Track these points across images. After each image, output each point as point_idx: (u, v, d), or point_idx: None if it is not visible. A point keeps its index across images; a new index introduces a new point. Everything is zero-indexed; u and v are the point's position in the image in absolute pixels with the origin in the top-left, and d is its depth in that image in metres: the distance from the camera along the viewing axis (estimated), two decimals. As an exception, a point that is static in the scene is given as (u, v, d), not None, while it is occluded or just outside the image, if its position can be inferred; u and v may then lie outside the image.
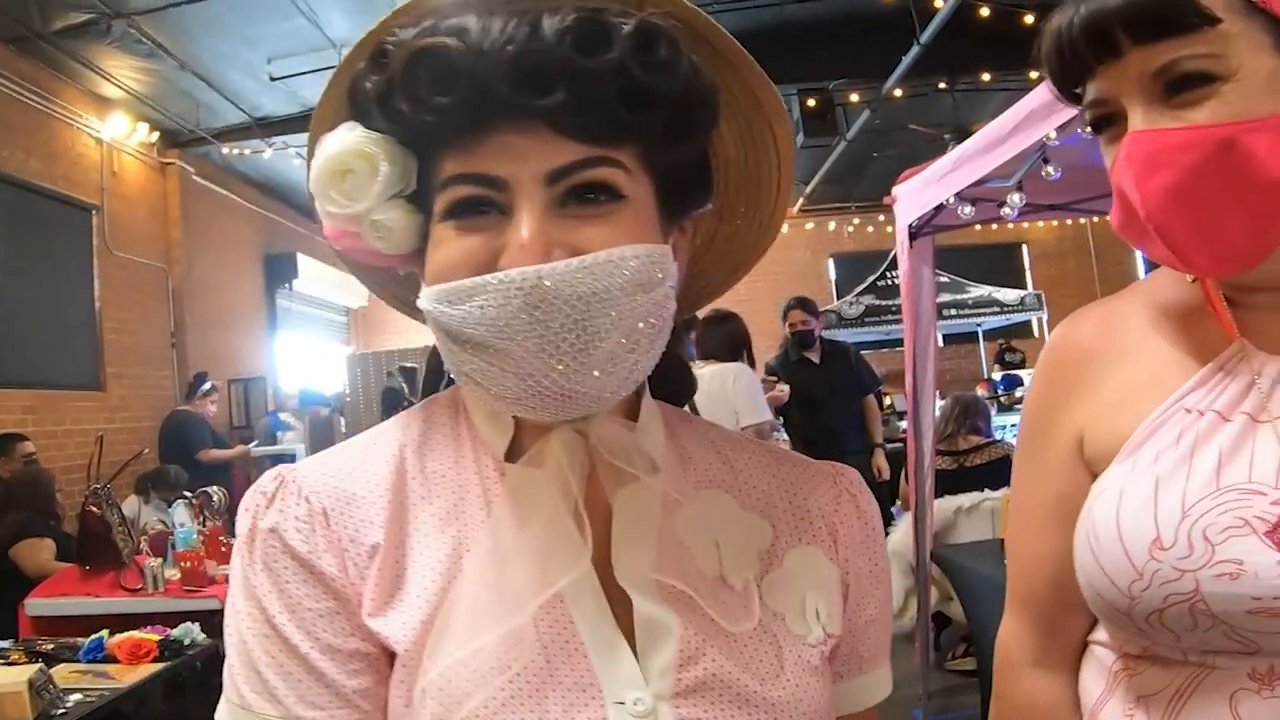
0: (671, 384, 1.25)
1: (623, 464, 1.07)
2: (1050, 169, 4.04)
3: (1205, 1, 1.10)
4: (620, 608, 1.04)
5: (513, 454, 1.11)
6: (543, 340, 0.94)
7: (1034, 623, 1.42)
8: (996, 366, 14.57)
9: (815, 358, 7.98)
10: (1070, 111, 3.44)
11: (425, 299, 1.01)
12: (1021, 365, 14.26)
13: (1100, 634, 1.33)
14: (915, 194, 5.06)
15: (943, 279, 14.81)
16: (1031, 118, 3.78)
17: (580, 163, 0.98)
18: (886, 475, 7.91)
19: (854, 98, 12.48)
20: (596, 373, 0.97)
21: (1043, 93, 3.66)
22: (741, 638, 1.07)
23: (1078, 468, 1.32)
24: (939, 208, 4.83)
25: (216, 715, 1.03)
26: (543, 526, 1.04)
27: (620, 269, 0.96)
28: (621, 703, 0.99)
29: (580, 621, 1.03)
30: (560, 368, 0.95)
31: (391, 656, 1.02)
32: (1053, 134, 3.72)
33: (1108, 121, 1.19)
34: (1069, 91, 1.23)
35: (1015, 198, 4.39)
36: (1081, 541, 1.23)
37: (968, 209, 4.68)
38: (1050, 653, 1.41)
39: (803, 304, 8.12)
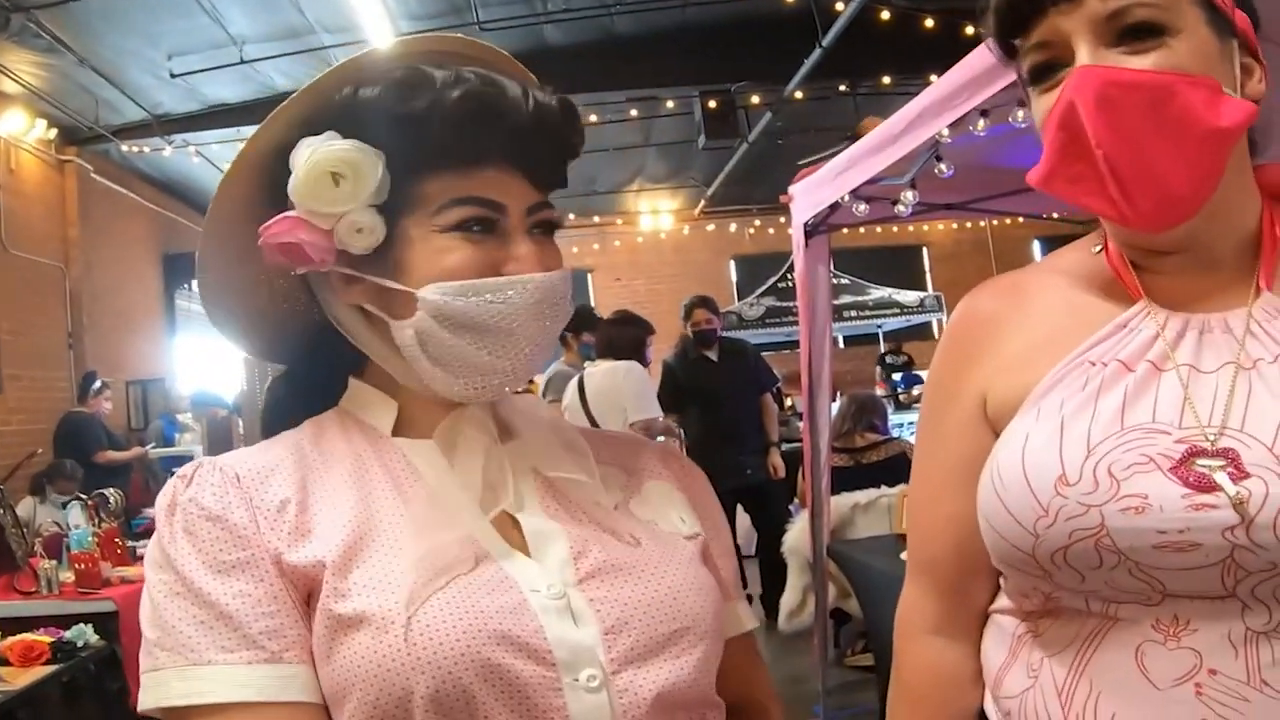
0: None
1: (520, 426, 1.36)
2: (943, 166, 4.07)
3: None
4: (508, 531, 1.25)
5: (397, 433, 1.33)
6: (538, 329, 1.25)
7: (934, 589, 1.45)
8: (880, 372, 14.60)
9: (714, 356, 8.01)
10: (962, 109, 3.50)
11: (433, 291, 1.21)
12: (908, 368, 14.34)
13: (1003, 601, 1.35)
14: (811, 192, 5.08)
15: (844, 281, 14.97)
16: (924, 116, 3.81)
17: (543, 204, 1.30)
18: (781, 473, 7.96)
19: (755, 100, 12.55)
20: (538, 359, 1.28)
21: (935, 91, 3.69)
22: (623, 535, 1.29)
23: (980, 428, 1.35)
24: (834, 206, 4.85)
25: (139, 700, 1.14)
26: (463, 480, 1.26)
27: (568, 282, 1.31)
28: (537, 591, 1.18)
29: (483, 539, 1.21)
30: (528, 350, 1.25)
31: (307, 597, 1.18)
32: (945, 132, 3.75)
33: (1048, 70, 1.22)
34: (1007, 43, 1.26)
35: (908, 195, 4.42)
36: (986, 488, 1.25)
37: (862, 207, 4.70)
38: (950, 620, 1.43)
39: (706, 303, 8.15)
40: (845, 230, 5.16)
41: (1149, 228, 1.19)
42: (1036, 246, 18.22)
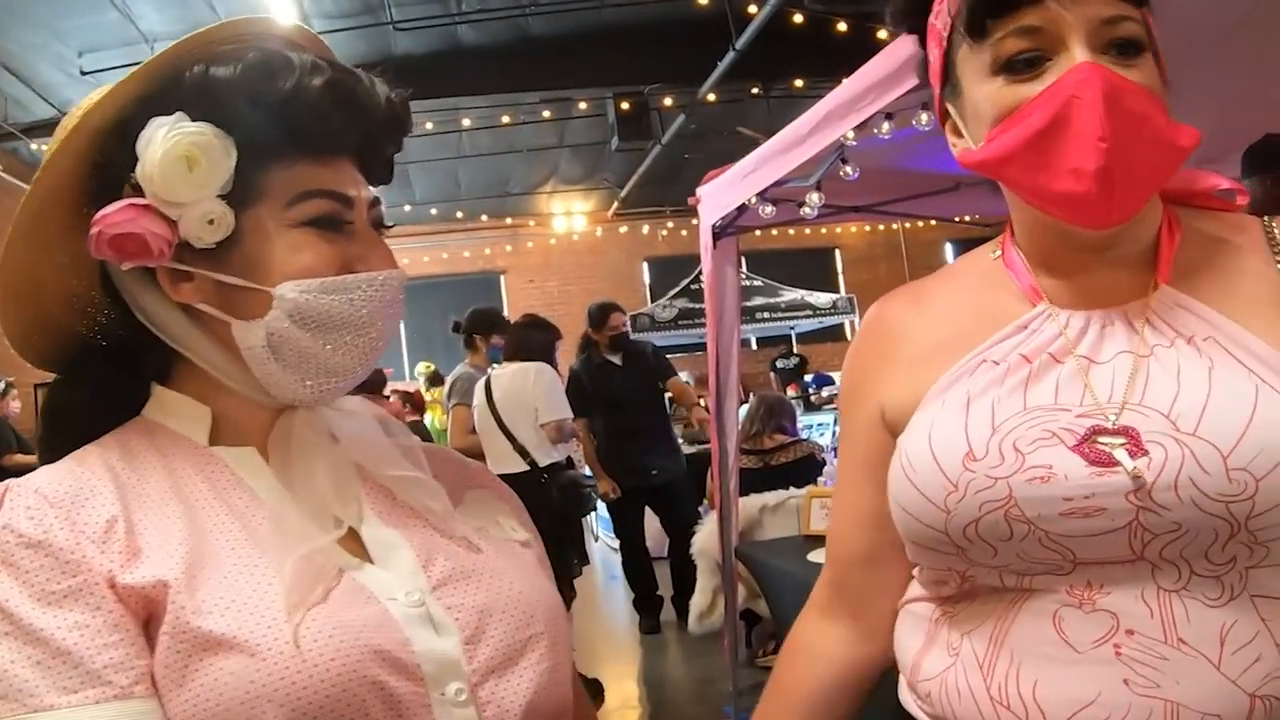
0: None
1: (348, 427, 1.32)
2: (848, 169, 4.11)
3: None
4: (348, 542, 1.20)
5: (214, 441, 1.25)
6: (386, 328, 1.24)
7: (830, 571, 1.53)
8: (773, 375, 14.67)
9: (618, 360, 8.01)
10: (867, 112, 3.52)
11: (292, 289, 1.16)
12: (800, 371, 14.39)
13: (915, 591, 1.38)
14: (719, 194, 5.10)
15: (756, 282, 15.05)
16: (829, 119, 3.83)
17: (377, 199, 1.28)
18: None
19: (668, 102, 12.59)
20: (376, 358, 1.26)
21: (840, 94, 3.71)
22: (461, 542, 1.26)
23: (879, 431, 1.40)
24: (742, 208, 4.87)
25: None
26: (302, 488, 1.21)
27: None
28: (394, 599, 1.14)
29: (331, 554, 1.16)
30: (374, 348, 1.23)
31: (146, 622, 1.06)
32: (850, 135, 3.78)
33: (1025, 61, 1.21)
34: (982, 23, 1.23)
35: (814, 197, 4.45)
36: (896, 475, 1.28)
37: (769, 209, 4.73)
38: (832, 601, 1.53)
39: (619, 307, 8.15)
40: (758, 232, 5.19)
41: (1099, 224, 1.21)
42: (948, 249, 18.47)
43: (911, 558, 1.34)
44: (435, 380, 14.33)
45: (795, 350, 15.80)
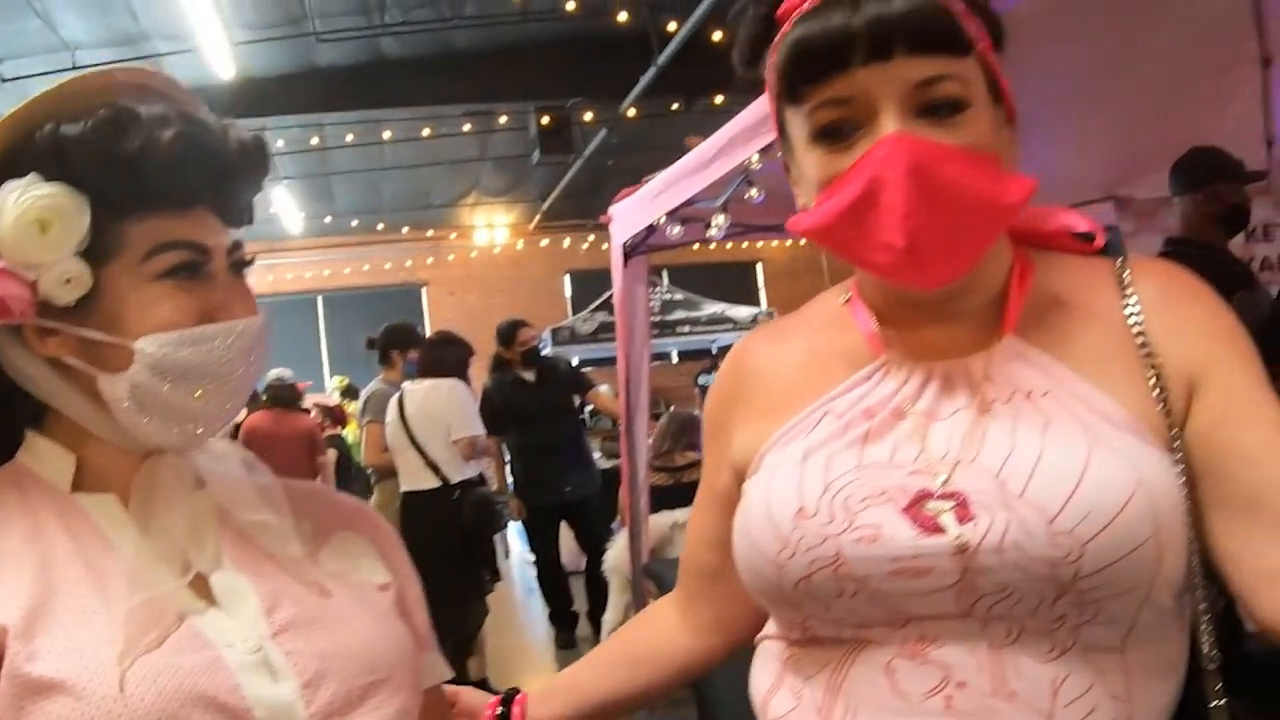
0: None
1: (212, 471, 1.32)
2: (754, 192, 4.12)
3: (967, 31, 1.18)
4: (198, 587, 1.21)
5: (78, 487, 1.25)
6: (248, 374, 1.25)
7: (683, 577, 1.58)
8: (696, 391, 14.73)
9: (531, 377, 7.98)
10: (770, 137, 3.54)
11: (151, 343, 1.18)
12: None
13: (771, 628, 1.38)
14: (630, 213, 5.12)
15: (678, 296, 15.12)
16: (735, 141, 3.86)
17: (239, 243, 1.28)
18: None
19: (589, 116, 12.63)
20: (242, 402, 1.29)
21: (746, 117, 3.74)
22: (313, 585, 1.27)
23: (727, 469, 1.42)
24: (651, 228, 4.89)
25: None
26: (158, 536, 1.21)
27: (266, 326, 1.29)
28: (232, 646, 1.15)
29: (174, 599, 1.17)
30: (238, 394, 1.25)
31: None
32: (755, 158, 3.80)
33: (838, 130, 1.19)
34: (796, 90, 1.22)
35: (720, 219, 4.46)
36: (737, 529, 1.29)
37: (677, 229, 4.75)
38: (684, 599, 1.58)
39: (527, 324, 8.15)
40: (679, 246, 5.22)
41: (925, 288, 1.21)
42: (868, 265, 18.57)
43: (757, 601, 1.35)
44: (350, 394, 14.27)
45: (719, 365, 15.83)
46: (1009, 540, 1.10)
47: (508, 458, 7.97)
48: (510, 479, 7.96)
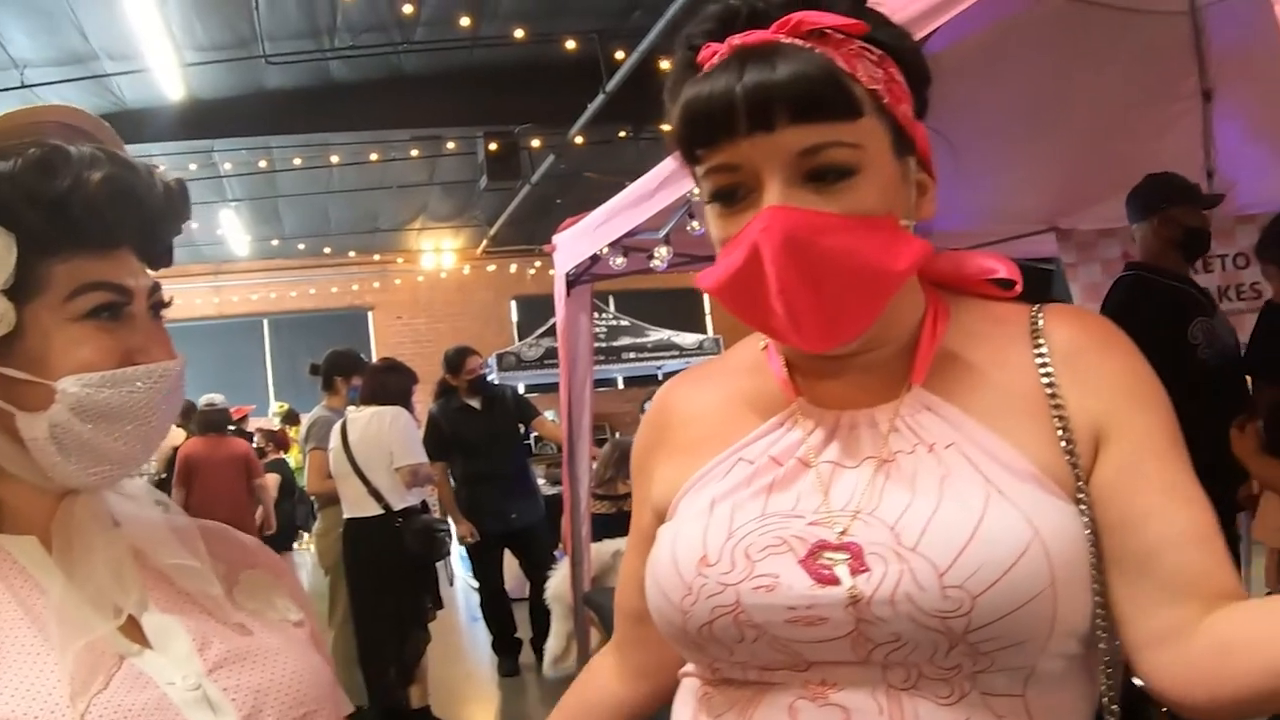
0: None
1: (127, 512, 1.33)
2: (695, 224, 4.16)
3: (855, 95, 1.16)
4: (128, 629, 1.22)
5: None
6: (167, 415, 1.26)
7: (617, 619, 1.56)
8: (641, 418, 14.81)
9: (477, 404, 8.02)
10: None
11: (73, 384, 1.18)
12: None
13: (689, 665, 1.39)
14: (573, 243, 5.15)
15: (624, 322, 15.13)
16: (676, 174, 3.88)
17: (158, 285, 1.30)
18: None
19: (537, 143, 12.64)
20: (159, 443, 1.29)
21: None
22: (235, 627, 1.29)
23: (652, 512, 1.42)
24: (594, 257, 4.92)
25: None
26: (83, 576, 1.22)
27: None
28: (173, 683, 1.17)
29: (111, 642, 1.18)
30: (156, 435, 1.25)
31: None
32: (695, 190, 3.82)
33: (730, 194, 1.20)
34: (692, 152, 1.22)
35: (663, 250, 4.51)
36: (648, 575, 1.29)
37: (620, 260, 4.78)
38: (619, 645, 1.57)
39: (473, 351, 8.18)
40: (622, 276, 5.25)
41: (814, 351, 1.24)
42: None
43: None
44: (290, 419, 14.20)
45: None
46: (901, 592, 1.11)
47: (452, 484, 7.97)
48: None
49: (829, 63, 1.16)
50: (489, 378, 9.70)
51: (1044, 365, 1.24)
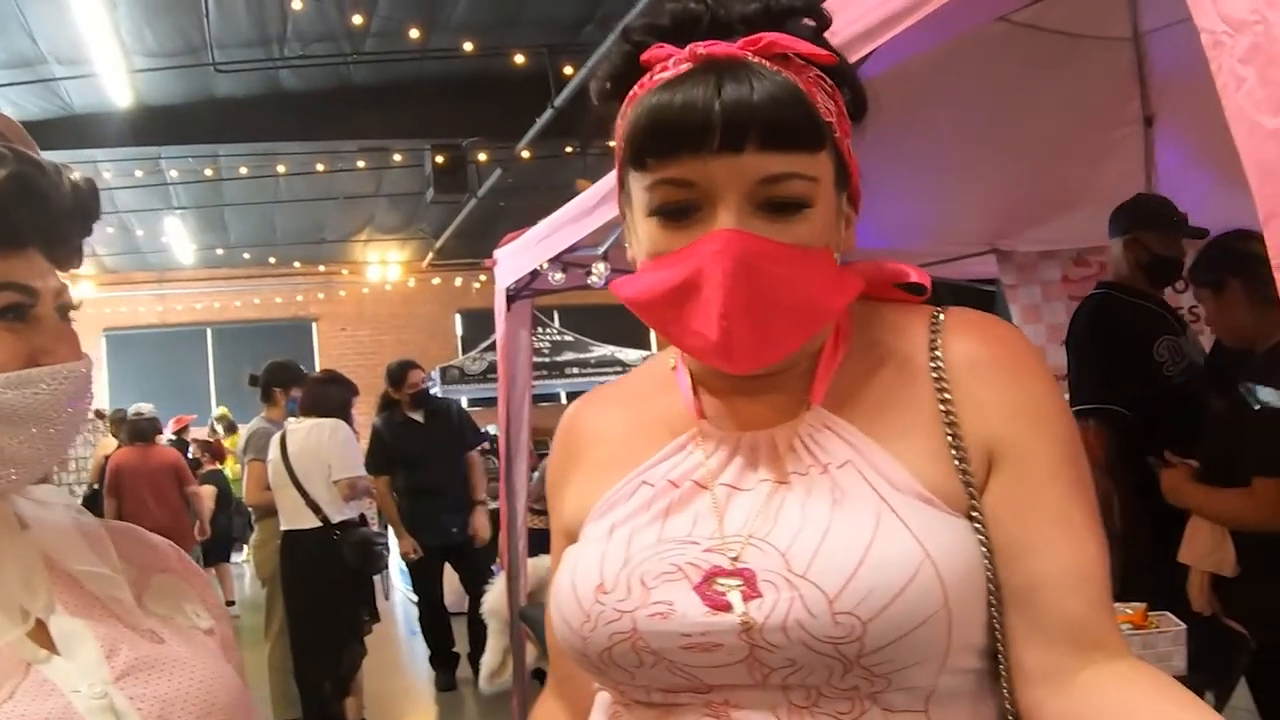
0: None
1: (35, 516, 1.30)
2: (635, 241, 4.16)
3: (821, 127, 1.16)
4: (36, 634, 1.20)
5: None
6: (74, 416, 1.23)
7: (551, 653, 1.51)
8: None
9: (420, 418, 8.03)
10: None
11: None
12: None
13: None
14: (514, 258, 5.16)
15: (568, 338, 15.14)
16: (615, 191, 3.89)
17: (65, 286, 1.27)
18: (486, 536, 7.98)
19: (484, 156, 12.63)
20: (66, 446, 1.26)
21: (627, 167, 3.78)
22: (146, 633, 1.27)
23: (565, 536, 1.40)
24: (534, 273, 4.93)
25: None
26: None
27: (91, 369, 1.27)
28: (78, 691, 1.16)
29: (18, 648, 1.17)
30: (62, 438, 1.23)
31: None
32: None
33: (679, 211, 1.17)
34: (643, 160, 1.18)
35: (600, 266, 4.51)
36: (551, 600, 1.29)
37: (559, 275, 4.79)
38: (554, 682, 1.54)
39: (416, 364, 8.19)
40: (562, 291, 5.25)
41: (736, 373, 1.22)
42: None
43: None
44: (229, 428, 14.13)
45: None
46: (792, 619, 1.11)
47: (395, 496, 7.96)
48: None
49: (799, 90, 1.15)
50: (432, 391, 9.67)
51: (940, 379, 1.23)
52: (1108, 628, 1.16)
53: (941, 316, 1.28)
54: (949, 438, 1.20)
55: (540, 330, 14.51)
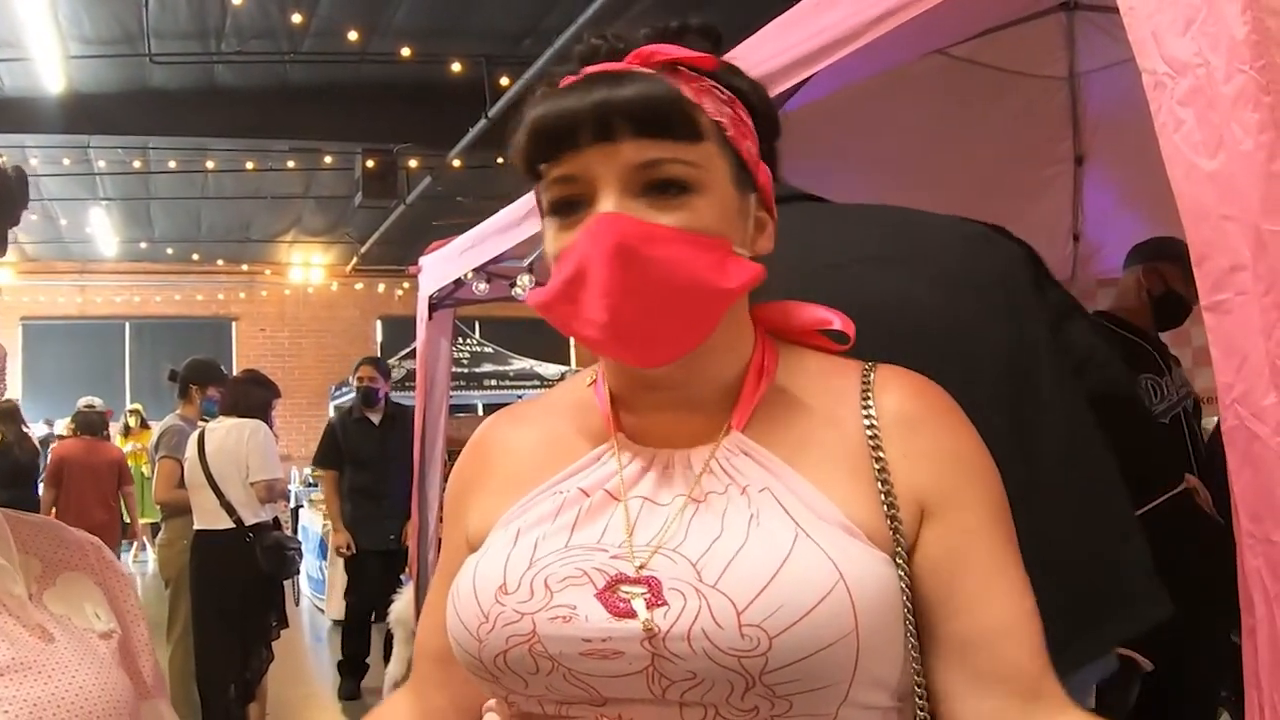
0: None
1: None
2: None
3: (698, 119, 1.19)
4: None
5: None
6: None
7: (416, 659, 1.52)
8: None
9: (375, 419, 8.05)
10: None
11: None
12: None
13: (491, 701, 1.37)
14: (439, 266, 5.15)
15: (487, 349, 15.12)
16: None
17: None
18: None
19: (415, 163, 12.59)
20: None
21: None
22: (36, 631, 1.25)
23: (466, 551, 1.37)
24: (458, 282, 4.92)
25: None
26: None
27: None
28: None
29: None
30: None
31: None
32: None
33: (569, 206, 1.21)
34: (533, 166, 1.23)
35: (525, 279, 4.52)
36: (449, 603, 1.27)
37: (483, 285, 4.79)
38: (415, 685, 1.50)
39: (374, 363, 8.33)
40: (485, 302, 5.25)
41: (640, 365, 1.24)
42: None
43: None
44: (142, 424, 14.00)
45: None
46: (697, 629, 1.11)
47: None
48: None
49: (674, 88, 1.20)
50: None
51: (871, 428, 1.25)
52: (1049, 678, 1.18)
53: (873, 374, 1.30)
54: (879, 484, 1.22)
55: (460, 340, 14.46)
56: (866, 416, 1.26)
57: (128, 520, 10.45)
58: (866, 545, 1.17)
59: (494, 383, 15.14)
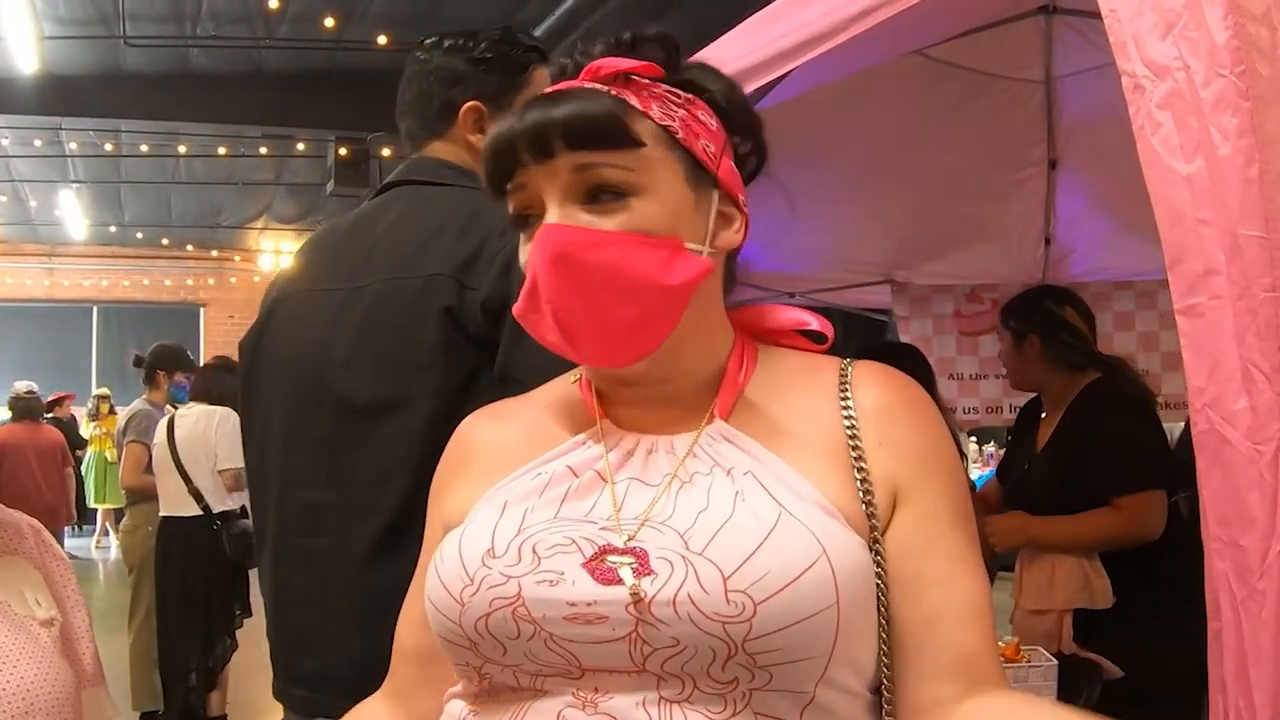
0: None
1: None
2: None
3: (635, 128, 1.23)
4: None
5: None
6: None
7: (394, 658, 1.48)
8: None
9: None
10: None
11: None
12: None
13: (455, 687, 1.36)
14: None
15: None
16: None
17: None
18: None
19: (387, 152, 12.56)
20: None
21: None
22: None
23: (443, 528, 1.38)
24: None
25: None
26: None
27: None
28: None
29: None
30: None
31: None
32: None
33: (525, 220, 1.27)
34: (500, 187, 1.29)
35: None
36: (430, 573, 1.28)
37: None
38: (390, 687, 1.48)
39: None
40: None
41: (600, 366, 1.29)
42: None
43: (440, 645, 1.31)
44: (109, 407, 13.93)
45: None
46: (683, 594, 1.12)
47: None
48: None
49: (613, 100, 1.25)
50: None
51: (849, 418, 1.29)
52: (995, 663, 1.23)
53: (850, 369, 1.34)
54: (856, 472, 1.26)
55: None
56: (845, 408, 1.30)
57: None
58: (845, 528, 1.20)
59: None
